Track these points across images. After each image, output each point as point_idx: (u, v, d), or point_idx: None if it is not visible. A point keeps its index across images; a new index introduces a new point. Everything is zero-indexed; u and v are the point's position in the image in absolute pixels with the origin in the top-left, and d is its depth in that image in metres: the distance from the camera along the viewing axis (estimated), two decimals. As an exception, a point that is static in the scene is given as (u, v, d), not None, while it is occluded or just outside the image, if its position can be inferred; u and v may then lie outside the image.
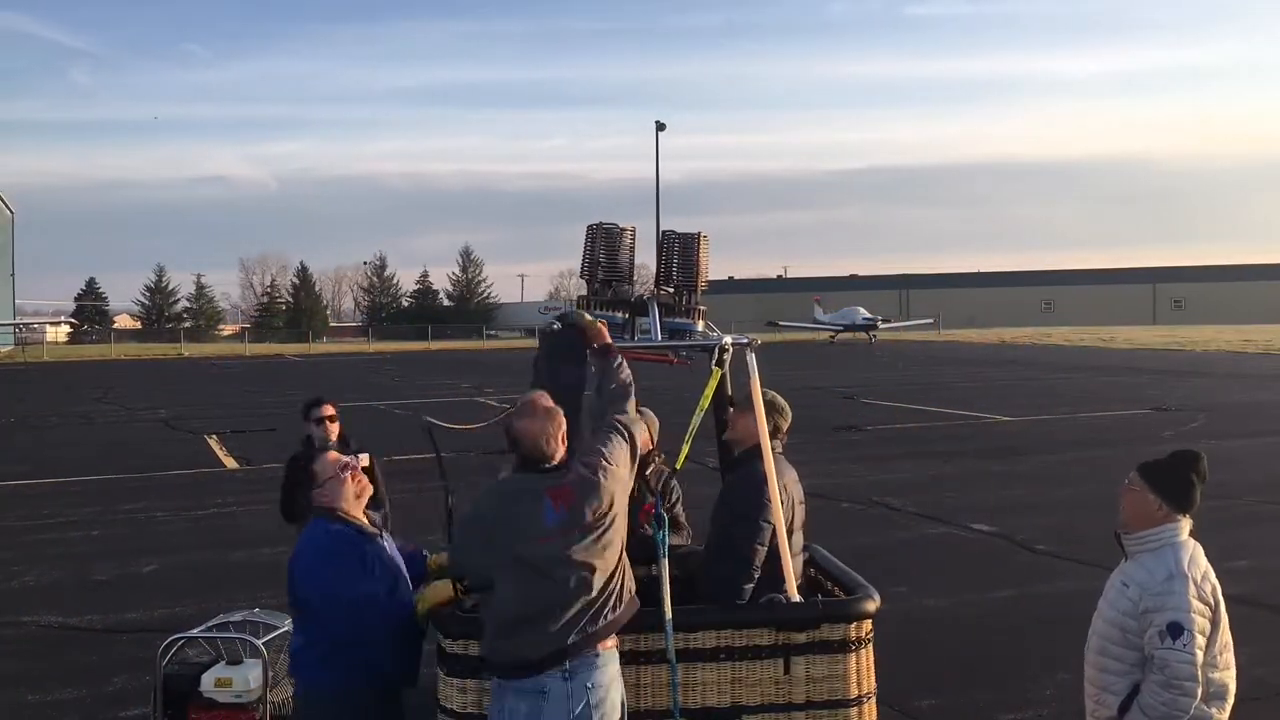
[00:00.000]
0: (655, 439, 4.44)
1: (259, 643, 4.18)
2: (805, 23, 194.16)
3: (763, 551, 3.93)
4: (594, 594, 3.33)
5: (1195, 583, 3.25)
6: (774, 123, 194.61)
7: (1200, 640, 3.21)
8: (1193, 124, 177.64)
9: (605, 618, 3.35)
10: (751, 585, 3.91)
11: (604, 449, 3.46)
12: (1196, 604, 3.22)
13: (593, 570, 3.32)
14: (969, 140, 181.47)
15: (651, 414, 4.44)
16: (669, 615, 3.62)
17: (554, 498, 3.31)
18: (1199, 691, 3.21)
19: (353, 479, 3.72)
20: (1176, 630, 3.18)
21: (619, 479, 3.44)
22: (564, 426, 3.45)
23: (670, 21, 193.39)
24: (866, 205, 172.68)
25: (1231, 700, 3.38)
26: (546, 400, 3.50)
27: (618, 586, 3.41)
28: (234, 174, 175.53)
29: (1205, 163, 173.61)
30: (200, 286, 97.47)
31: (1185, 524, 3.35)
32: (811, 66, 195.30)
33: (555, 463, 3.40)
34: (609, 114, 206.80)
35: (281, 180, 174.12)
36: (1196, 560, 3.32)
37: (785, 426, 4.25)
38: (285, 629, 4.44)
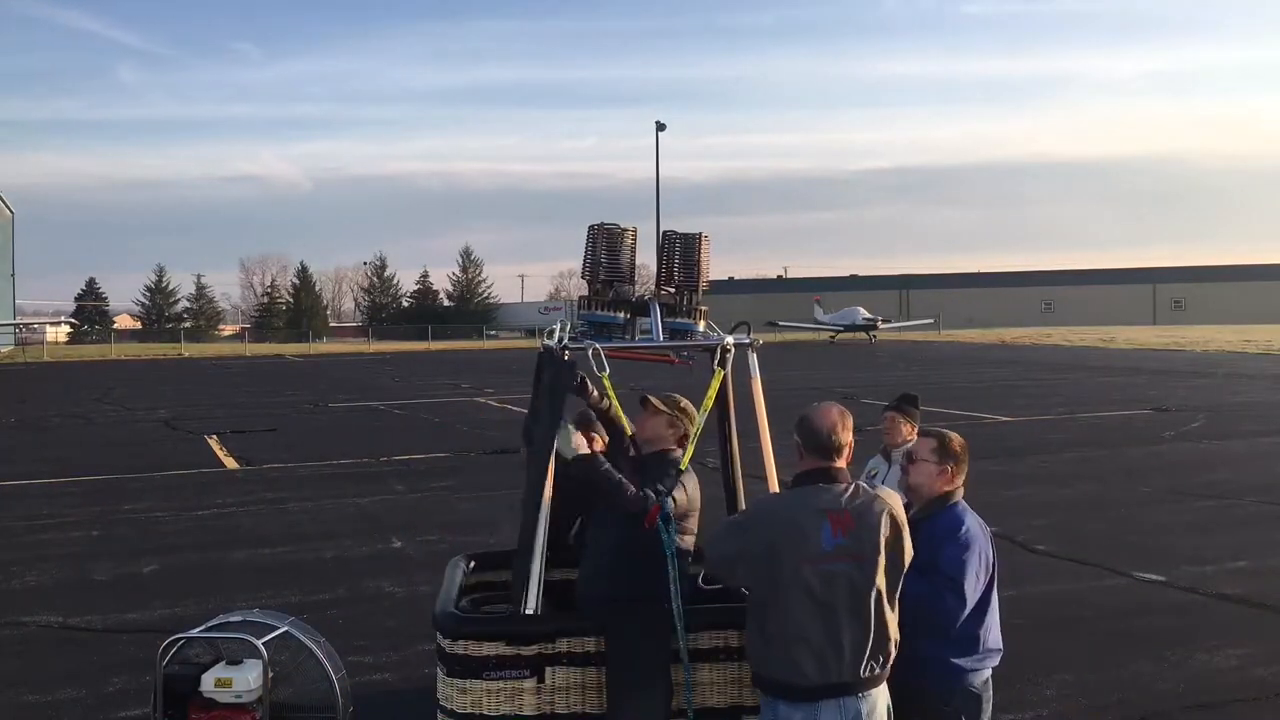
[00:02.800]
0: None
1: (259, 643, 4.17)
2: (860, 21, 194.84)
3: None
4: (873, 630, 3.21)
5: None
6: (816, 122, 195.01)
7: None
8: (1230, 124, 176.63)
9: (880, 660, 3.25)
10: None
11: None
12: None
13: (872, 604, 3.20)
14: (1001, 140, 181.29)
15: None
16: (680, 615, 3.64)
17: (834, 522, 3.20)
18: None
19: None
20: None
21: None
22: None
23: (724, 20, 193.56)
24: (896, 206, 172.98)
25: None
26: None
27: (892, 630, 3.28)
28: (268, 173, 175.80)
29: (1238, 163, 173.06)
30: (200, 287, 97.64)
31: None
32: (863, 66, 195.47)
33: (840, 464, 3.33)
34: (644, 113, 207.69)
35: (316, 180, 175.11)
36: None
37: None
38: (285, 629, 4.43)
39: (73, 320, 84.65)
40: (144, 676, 5.66)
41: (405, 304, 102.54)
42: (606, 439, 4.55)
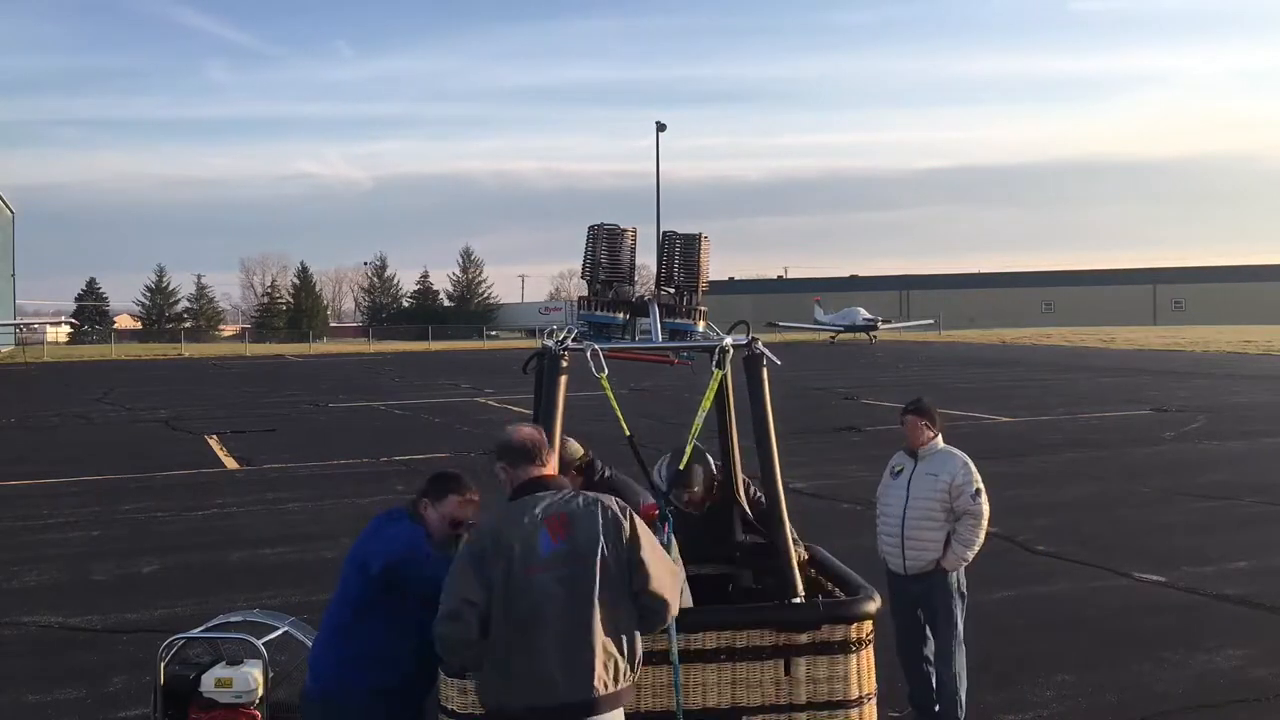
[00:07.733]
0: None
1: (259, 643, 4.18)
2: (950, 20, 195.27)
3: None
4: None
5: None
6: (869, 120, 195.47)
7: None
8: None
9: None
10: None
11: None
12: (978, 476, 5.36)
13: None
14: (1059, 139, 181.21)
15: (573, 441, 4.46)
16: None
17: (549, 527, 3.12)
18: None
19: None
20: (979, 493, 5.31)
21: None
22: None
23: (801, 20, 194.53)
24: (945, 205, 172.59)
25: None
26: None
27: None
28: (329, 172, 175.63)
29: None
30: (200, 287, 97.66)
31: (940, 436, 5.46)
32: (955, 64, 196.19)
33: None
34: (711, 114, 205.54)
35: (377, 179, 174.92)
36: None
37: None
38: (285, 629, 4.44)
39: (73, 320, 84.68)
40: (144, 676, 5.66)
41: (405, 304, 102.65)
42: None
